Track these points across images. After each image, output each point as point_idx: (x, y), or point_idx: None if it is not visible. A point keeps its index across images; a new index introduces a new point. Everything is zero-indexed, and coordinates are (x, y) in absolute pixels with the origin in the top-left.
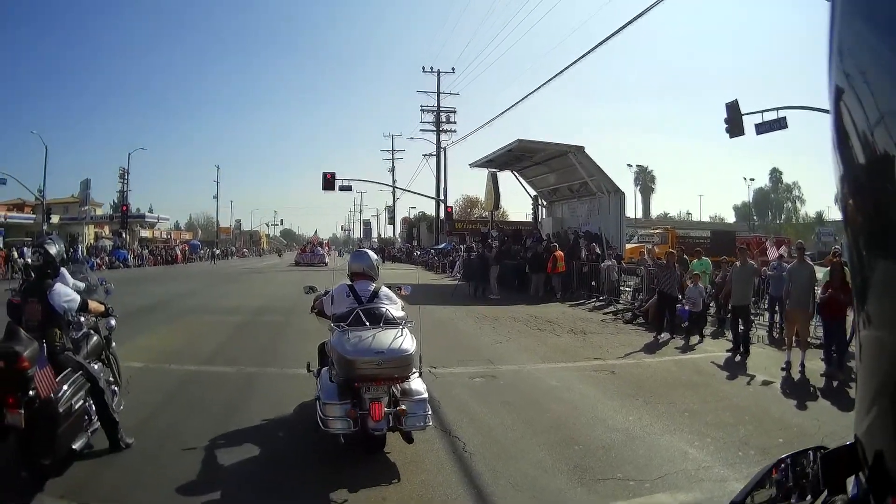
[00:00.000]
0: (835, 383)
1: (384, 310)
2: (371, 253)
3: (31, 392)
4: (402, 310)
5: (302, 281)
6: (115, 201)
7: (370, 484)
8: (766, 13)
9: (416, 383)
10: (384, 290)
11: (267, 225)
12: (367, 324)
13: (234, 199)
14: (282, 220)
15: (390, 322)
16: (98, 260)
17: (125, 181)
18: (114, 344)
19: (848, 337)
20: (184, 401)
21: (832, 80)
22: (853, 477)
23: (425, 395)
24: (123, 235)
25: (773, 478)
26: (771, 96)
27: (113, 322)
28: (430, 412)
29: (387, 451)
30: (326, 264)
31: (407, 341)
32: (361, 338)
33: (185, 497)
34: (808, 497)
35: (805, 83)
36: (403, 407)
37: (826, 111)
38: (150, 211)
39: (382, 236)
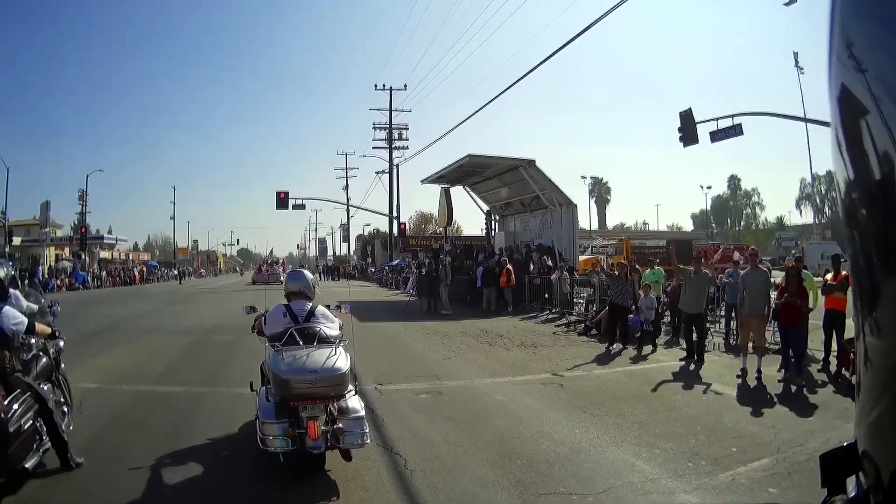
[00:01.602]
0: (793, 388)
1: (318, 329)
2: (307, 272)
3: None
4: (340, 328)
5: (256, 301)
6: (76, 223)
7: (309, 501)
8: (722, 20)
9: (353, 401)
10: (321, 308)
11: (224, 245)
12: (301, 343)
13: (190, 220)
14: (238, 240)
15: (324, 341)
16: (58, 282)
17: (84, 203)
18: (63, 365)
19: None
20: (133, 421)
21: (833, 80)
22: (853, 477)
23: (362, 413)
24: (83, 257)
25: None
26: (727, 104)
27: (61, 344)
28: (367, 430)
29: (328, 468)
30: (283, 282)
31: (340, 360)
32: (295, 357)
33: None
34: None
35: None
36: (340, 425)
37: (781, 116)
38: (109, 232)
39: (338, 254)
